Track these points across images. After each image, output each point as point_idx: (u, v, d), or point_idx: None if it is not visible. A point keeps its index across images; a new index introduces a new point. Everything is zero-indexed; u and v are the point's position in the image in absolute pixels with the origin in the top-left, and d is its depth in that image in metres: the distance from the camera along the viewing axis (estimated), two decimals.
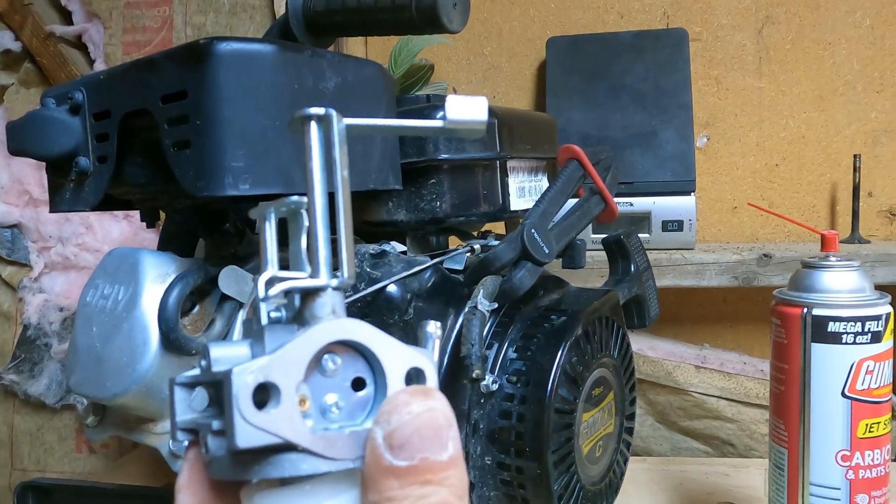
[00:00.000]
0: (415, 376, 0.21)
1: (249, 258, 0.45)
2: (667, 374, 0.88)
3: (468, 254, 0.52)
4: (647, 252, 0.62)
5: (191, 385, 0.21)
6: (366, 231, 0.53)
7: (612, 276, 0.59)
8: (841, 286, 0.53)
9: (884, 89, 0.97)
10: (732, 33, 1.00)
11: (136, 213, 0.81)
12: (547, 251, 0.48)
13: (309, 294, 0.20)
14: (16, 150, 0.46)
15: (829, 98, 0.98)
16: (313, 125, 0.21)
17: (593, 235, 0.85)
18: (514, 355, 0.45)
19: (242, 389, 0.18)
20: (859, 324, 0.51)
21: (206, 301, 0.45)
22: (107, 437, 0.48)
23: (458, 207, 0.51)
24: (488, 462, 0.45)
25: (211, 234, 0.49)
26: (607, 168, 0.58)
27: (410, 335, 0.44)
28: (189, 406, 0.21)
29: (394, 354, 0.21)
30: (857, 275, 0.54)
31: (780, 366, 0.55)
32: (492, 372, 0.44)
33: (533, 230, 0.47)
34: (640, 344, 0.92)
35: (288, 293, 0.21)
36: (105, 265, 0.46)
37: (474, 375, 0.44)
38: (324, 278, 0.20)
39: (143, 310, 0.42)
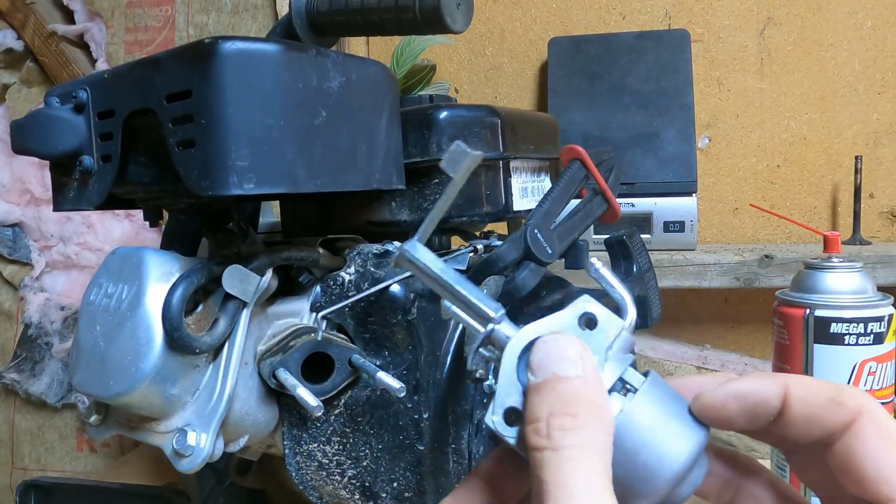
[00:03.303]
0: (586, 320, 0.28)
1: (252, 257, 0.45)
2: (668, 374, 0.88)
3: (471, 254, 0.52)
4: (649, 253, 0.62)
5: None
6: (369, 231, 0.53)
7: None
8: (843, 287, 0.53)
9: (885, 91, 0.97)
10: (734, 34, 1.00)
11: (137, 213, 0.81)
12: (550, 251, 0.48)
13: (492, 338, 0.29)
14: (20, 148, 0.46)
15: (831, 99, 0.98)
16: (404, 257, 0.29)
17: (595, 236, 0.85)
18: None
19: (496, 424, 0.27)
20: (862, 325, 0.52)
21: (209, 300, 0.45)
22: (109, 437, 0.48)
23: (460, 208, 0.52)
24: None
25: (214, 234, 0.49)
26: (610, 169, 0.58)
27: (414, 335, 0.44)
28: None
29: (559, 323, 0.28)
30: (859, 276, 0.54)
31: (782, 367, 0.55)
32: (494, 373, 0.44)
33: (536, 230, 0.47)
34: (642, 345, 0.92)
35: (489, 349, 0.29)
36: (108, 264, 0.46)
37: (477, 375, 0.44)
38: (491, 317, 0.28)
39: (146, 309, 0.42)
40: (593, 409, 0.25)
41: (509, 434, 0.26)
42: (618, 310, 0.29)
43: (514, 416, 0.26)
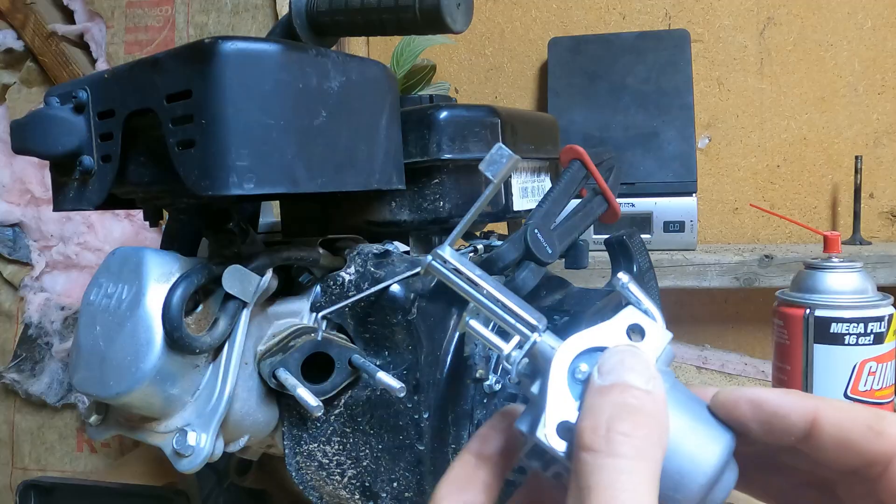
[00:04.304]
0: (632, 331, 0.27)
1: (253, 257, 0.45)
2: None
3: (471, 254, 0.52)
4: (649, 253, 0.62)
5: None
6: (369, 231, 0.53)
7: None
8: (844, 287, 0.53)
9: (885, 91, 0.97)
10: (734, 34, 1.00)
11: (137, 213, 0.81)
12: (550, 251, 0.48)
13: (533, 350, 0.27)
14: (20, 148, 0.46)
15: (831, 99, 0.98)
16: (434, 263, 0.29)
17: (595, 236, 0.85)
18: None
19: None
20: (862, 325, 0.52)
21: (209, 300, 0.45)
22: (109, 437, 0.48)
23: (461, 207, 0.52)
24: None
25: (214, 234, 0.49)
26: (610, 169, 0.58)
27: (414, 335, 0.44)
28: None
29: (614, 334, 0.27)
30: (859, 276, 0.54)
31: (782, 367, 0.55)
32: (495, 372, 0.44)
33: (536, 230, 0.47)
34: None
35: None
36: (109, 264, 0.46)
37: (477, 375, 0.44)
38: (529, 331, 0.27)
39: (146, 309, 0.42)
40: (657, 425, 0.24)
41: (561, 448, 0.25)
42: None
43: (567, 432, 0.25)
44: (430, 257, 0.29)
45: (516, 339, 0.28)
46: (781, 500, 0.29)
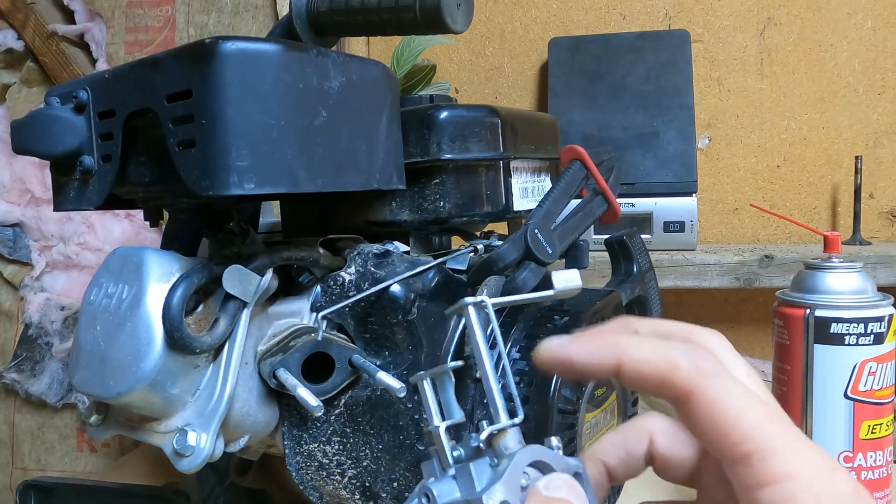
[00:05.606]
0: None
1: (253, 257, 0.45)
2: None
3: (471, 254, 0.52)
4: (649, 253, 0.62)
5: None
6: (369, 231, 0.53)
7: (615, 277, 0.59)
8: (844, 287, 0.53)
9: (885, 91, 0.97)
10: (734, 34, 1.00)
11: (137, 213, 0.81)
12: (550, 251, 0.48)
13: (496, 434, 0.26)
14: (20, 148, 0.46)
15: (831, 100, 0.98)
16: (470, 309, 0.28)
17: (595, 236, 0.85)
18: (517, 355, 0.45)
19: None
20: (862, 325, 0.52)
21: (209, 300, 0.45)
22: (109, 437, 0.48)
23: (461, 207, 0.52)
24: None
25: (215, 234, 0.49)
26: (610, 169, 0.58)
27: (414, 335, 0.44)
28: None
29: (560, 465, 0.27)
30: (859, 276, 0.54)
31: (782, 367, 0.55)
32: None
33: (536, 230, 0.47)
34: None
35: (477, 437, 0.27)
36: (109, 264, 0.46)
37: (477, 375, 0.44)
38: (506, 420, 0.26)
39: (147, 309, 0.42)
40: None
41: None
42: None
43: None
44: (469, 300, 0.28)
45: (457, 419, 0.27)
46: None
